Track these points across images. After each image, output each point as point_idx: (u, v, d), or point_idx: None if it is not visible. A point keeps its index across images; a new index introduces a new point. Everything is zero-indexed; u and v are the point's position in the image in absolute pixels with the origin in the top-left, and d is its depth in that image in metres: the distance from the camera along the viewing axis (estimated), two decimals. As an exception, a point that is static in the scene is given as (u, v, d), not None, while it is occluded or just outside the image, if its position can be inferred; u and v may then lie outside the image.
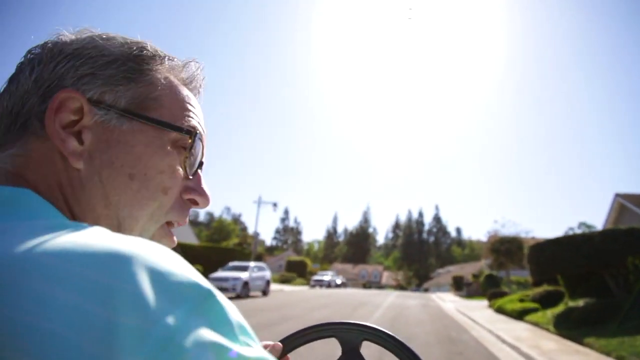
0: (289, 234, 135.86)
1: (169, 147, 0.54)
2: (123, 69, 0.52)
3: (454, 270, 77.97)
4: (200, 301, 0.33)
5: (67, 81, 0.50)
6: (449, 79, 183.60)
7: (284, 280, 52.62)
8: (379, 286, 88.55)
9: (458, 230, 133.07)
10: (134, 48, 0.55)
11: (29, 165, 0.49)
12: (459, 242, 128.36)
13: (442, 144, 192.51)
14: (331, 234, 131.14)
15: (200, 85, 0.62)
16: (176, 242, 0.59)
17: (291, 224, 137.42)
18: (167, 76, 0.57)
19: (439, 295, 38.73)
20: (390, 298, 27.81)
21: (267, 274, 22.41)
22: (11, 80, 0.52)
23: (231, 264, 22.23)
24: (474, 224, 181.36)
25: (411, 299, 28.04)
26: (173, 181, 0.54)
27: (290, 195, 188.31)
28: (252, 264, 21.60)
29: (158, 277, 0.32)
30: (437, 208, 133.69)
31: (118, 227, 0.51)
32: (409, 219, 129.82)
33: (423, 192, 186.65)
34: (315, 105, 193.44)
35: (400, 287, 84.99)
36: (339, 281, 50.49)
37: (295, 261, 72.25)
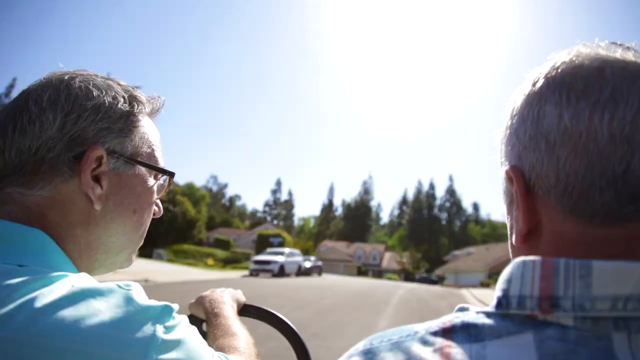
0: (281, 207, 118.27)
1: (154, 183, 0.71)
2: (128, 123, 0.66)
3: (477, 252, 59.57)
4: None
5: (89, 133, 0.62)
6: (462, 28, 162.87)
7: (228, 261, 35.00)
8: (379, 270, 70.45)
9: (475, 206, 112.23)
10: (133, 103, 0.68)
11: (54, 206, 0.60)
12: (477, 219, 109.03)
13: (457, 103, 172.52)
14: (327, 208, 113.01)
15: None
16: None
17: (284, 196, 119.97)
18: (148, 120, 0.71)
19: (479, 296, 20.88)
20: (390, 306, 9.86)
21: None
22: (30, 120, 0.60)
23: None
24: (494, 199, 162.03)
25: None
26: (153, 207, 0.73)
27: (284, 165, 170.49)
28: None
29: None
30: (450, 179, 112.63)
31: (116, 248, 0.68)
32: (418, 191, 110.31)
33: (435, 161, 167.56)
34: (308, 58, 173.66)
35: (405, 272, 67.05)
36: (308, 264, 32.47)
37: (268, 235, 55.32)
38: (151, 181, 0.70)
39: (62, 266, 0.57)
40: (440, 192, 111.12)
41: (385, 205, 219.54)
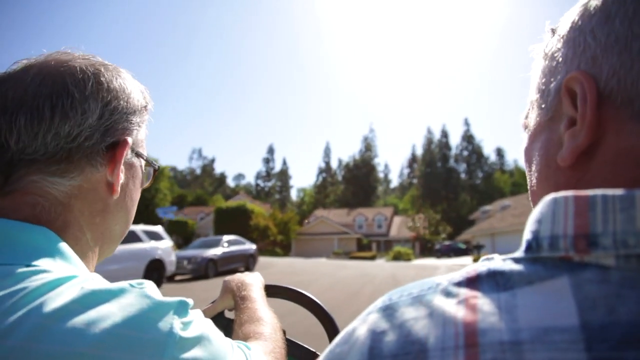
0: (275, 178, 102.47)
1: (143, 175, 0.73)
2: (143, 117, 0.70)
3: (516, 204, 42.44)
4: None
5: (120, 124, 0.64)
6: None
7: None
8: (386, 241, 53.97)
9: (499, 152, 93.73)
10: (146, 97, 0.71)
11: (80, 195, 0.61)
12: (502, 168, 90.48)
13: (466, 34, 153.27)
14: (323, 172, 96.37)
15: None
16: None
17: (278, 166, 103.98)
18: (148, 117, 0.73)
19: None
20: None
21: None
22: (73, 106, 0.59)
23: None
24: (521, 142, 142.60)
25: None
26: None
27: (277, 133, 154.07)
28: None
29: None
30: (466, 123, 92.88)
31: (117, 237, 0.69)
32: (429, 142, 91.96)
33: (447, 106, 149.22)
34: (292, 13, 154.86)
35: (420, 241, 50.95)
36: (219, 252, 16.16)
37: (232, 208, 39.85)
38: (141, 173, 0.73)
39: (70, 264, 0.56)
40: (455, 140, 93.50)
41: (394, 167, 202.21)
